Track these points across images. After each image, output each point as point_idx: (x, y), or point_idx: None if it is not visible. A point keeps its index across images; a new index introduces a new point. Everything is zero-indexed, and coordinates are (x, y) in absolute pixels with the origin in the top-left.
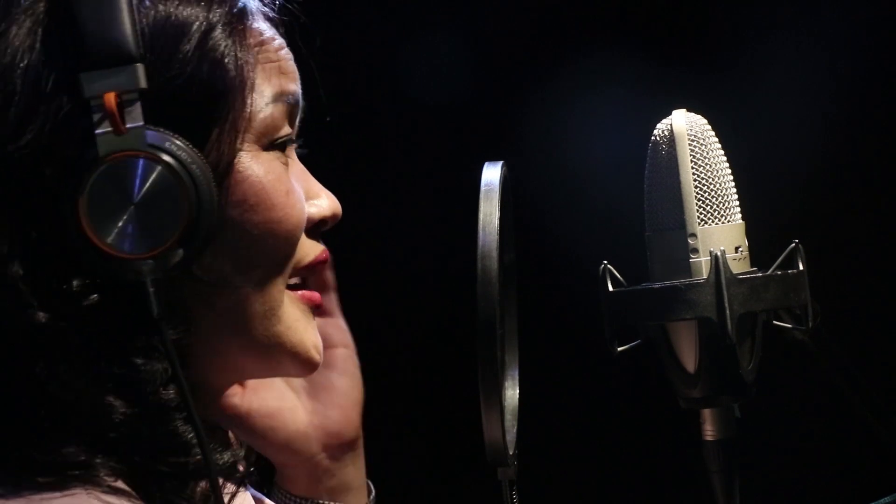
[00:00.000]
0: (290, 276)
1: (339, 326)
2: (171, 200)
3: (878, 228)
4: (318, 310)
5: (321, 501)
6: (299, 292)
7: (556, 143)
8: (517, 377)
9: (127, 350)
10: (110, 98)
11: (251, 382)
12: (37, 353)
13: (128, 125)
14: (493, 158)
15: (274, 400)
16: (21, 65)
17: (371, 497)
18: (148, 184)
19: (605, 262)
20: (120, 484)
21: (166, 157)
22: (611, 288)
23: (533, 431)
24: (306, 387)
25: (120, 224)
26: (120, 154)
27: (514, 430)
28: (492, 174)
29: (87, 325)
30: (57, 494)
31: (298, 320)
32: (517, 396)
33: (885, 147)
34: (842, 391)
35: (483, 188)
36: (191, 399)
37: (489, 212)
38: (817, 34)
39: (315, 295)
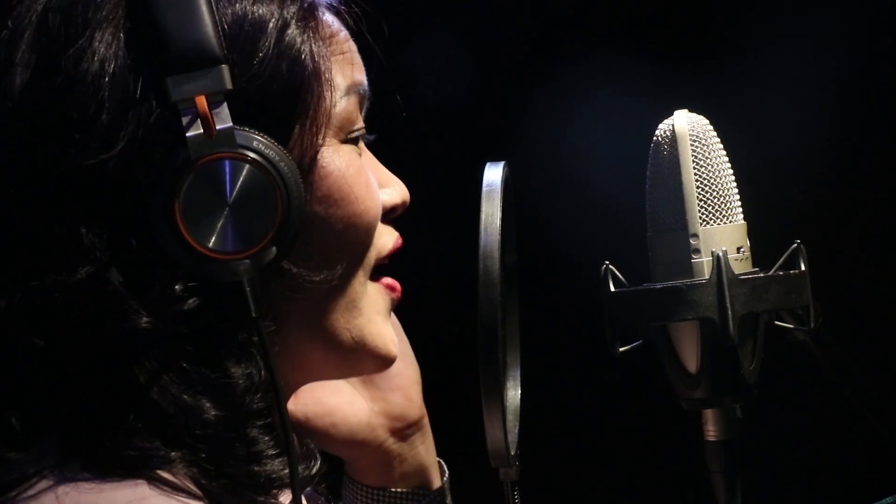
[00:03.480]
0: (372, 266)
1: None
2: (264, 200)
3: (880, 229)
4: (398, 301)
5: (395, 489)
6: (382, 280)
7: (558, 143)
8: (519, 378)
9: (222, 354)
10: (202, 101)
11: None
12: (139, 359)
13: (217, 127)
14: (495, 159)
15: (329, 396)
16: (109, 72)
17: (445, 477)
18: (240, 184)
19: (607, 262)
20: (189, 482)
21: (257, 157)
22: (612, 288)
23: (535, 432)
24: (361, 376)
25: (216, 225)
26: (213, 156)
27: (516, 431)
28: (493, 174)
29: (186, 329)
30: (122, 484)
31: (379, 313)
32: (519, 397)
33: (887, 148)
34: (843, 391)
35: (485, 188)
36: (284, 406)
37: (491, 212)
38: (819, 35)
39: (396, 284)
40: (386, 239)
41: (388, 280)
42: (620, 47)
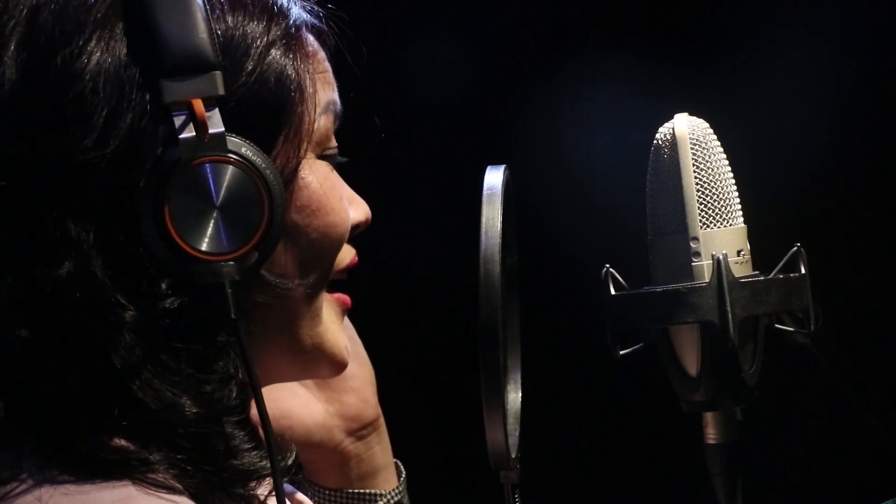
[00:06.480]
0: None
1: None
2: (250, 205)
3: (880, 231)
4: (347, 312)
5: (352, 490)
6: (335, 294)
7: (559, 146)
8: (520, 381)
9: (202, 351)
10: (199, 104)
11: None
12: (123, 352)
13: (209, 131)
14: (496, 162)
15: (285, 399)
16: (105, 70)
17: (402, 478)
18: (227, 188)
19: (608, 265)
20: (172, 480)
21: (246, 163)
22: (613, 291)
23: (535, 435)
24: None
25: (203, 227)
26: (205, 159)
27: (517, 434)
28: (494, 178)
29: (169, 326)
30: (106, 485)
31: (334, 322)
32: (520, 400)
33: (888, 150)
34: (843, 394)
35: (485, 192)
36: (263, 402)
37: (491, 215)
38: (819, 37)
39: (347, 298)
40: (344, 254)
41: (339, 294)
42: (621, 48)
